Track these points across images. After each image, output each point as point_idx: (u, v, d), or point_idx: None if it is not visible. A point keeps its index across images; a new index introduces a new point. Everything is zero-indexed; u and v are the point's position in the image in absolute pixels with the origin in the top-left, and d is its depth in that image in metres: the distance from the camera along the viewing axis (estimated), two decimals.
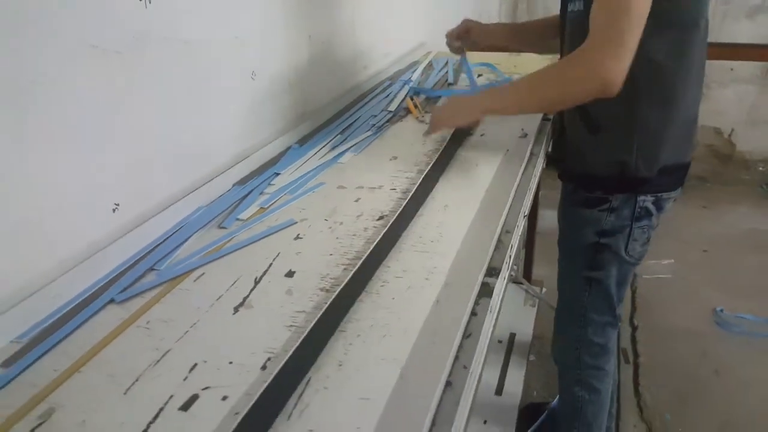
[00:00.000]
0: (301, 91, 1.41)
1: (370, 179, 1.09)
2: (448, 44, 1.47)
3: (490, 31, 1.43)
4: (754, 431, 1.78)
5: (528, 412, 1.73)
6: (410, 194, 0.99)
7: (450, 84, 1.64)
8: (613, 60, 0.86)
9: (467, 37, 1.43)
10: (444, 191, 1.02)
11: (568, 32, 1.12)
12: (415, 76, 1.72)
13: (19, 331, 0.72)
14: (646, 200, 1.13)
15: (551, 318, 1.47)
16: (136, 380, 0.64)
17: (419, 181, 1.03)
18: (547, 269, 2.10)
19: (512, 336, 1.95)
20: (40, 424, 0.59)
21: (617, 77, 0.87)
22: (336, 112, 1.49)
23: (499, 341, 1.93)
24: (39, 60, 0.75)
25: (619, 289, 1.25)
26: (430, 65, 1.87)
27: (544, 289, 2.24)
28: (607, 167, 1.13)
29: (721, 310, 2.26)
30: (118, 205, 0.91)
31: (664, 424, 1.81)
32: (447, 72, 1.74)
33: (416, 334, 0.67)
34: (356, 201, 1.02)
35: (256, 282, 0.81)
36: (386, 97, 1.56)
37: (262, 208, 1.03)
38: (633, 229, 1.15)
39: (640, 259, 1.23)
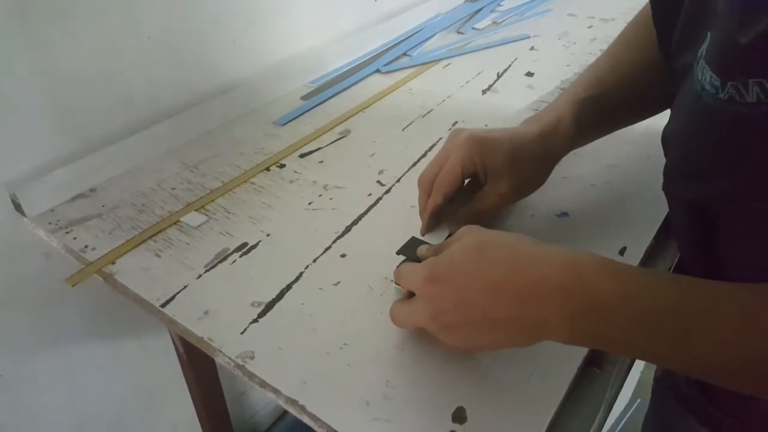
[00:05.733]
0: None
1: (602, 11, 1.11)
2: (422, 215, 0.55)
3: (531, 142, 0.53)
4: None
5: None
6: None
7: None
8: None
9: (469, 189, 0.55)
10: None
11: (703, 130, 0.38)
12: None
13: (311, 78, 0.89)
14: None
15: None
16: (410, 123, 0.79)
17: None
18: None
19: None
20: (341, 138, 0.76)
21: None
22: None
23: None
24: None
25: None
26: None
27: None
28: None
29: None
30: None
31: None
32: None
33: None
34: (589, 27, 1.06)
35: (499, 76, 0.91)
36: None
37: (494, 22, 1.11)
38: None
39: None
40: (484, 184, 0.53)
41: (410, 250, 0.50)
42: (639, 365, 1.37)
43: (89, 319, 0.76)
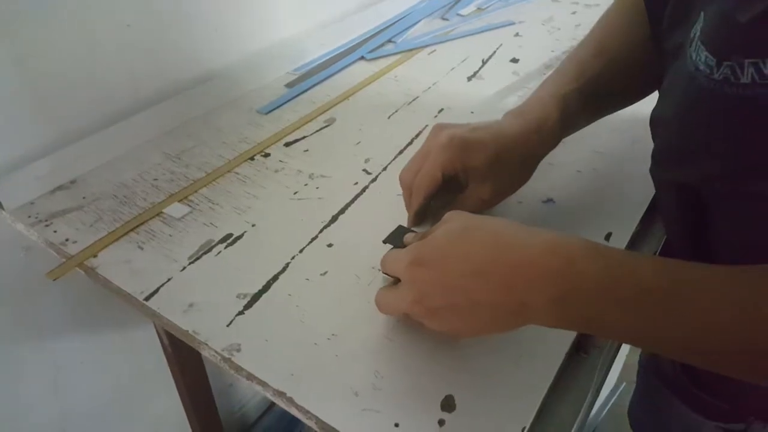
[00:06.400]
0: None
1: None
2: (406, 201, 0.55)
3: (515, 139, 0.51)
4: None
5: None
6: None
7: None
8: None
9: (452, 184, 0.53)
10: None
11: (696, 111, 0.38)
12: None
13: (294, 65, 0.88)
14: None
15: None
16: (395, 111, 0.78)
17: None
18: None
19: None
20: (326, 126, 0.75)
21: None
22: None
23: None
24: None
25: None
26: None
27: None
28: None
29: None
30: None
31: None
32: None
33: None
34: (573, 14, 1.06)
35: (484, 62, 0.90)
36: None
37: (479, 8, 1.10)
38: None
39: None
40: (465, 186, 0.52)
41: (397, 239, 0.50)
42: (625, 349, 1.39)
43: (72, 312, 0.75)
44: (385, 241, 0.50)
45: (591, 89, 0.54)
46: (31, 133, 0.63)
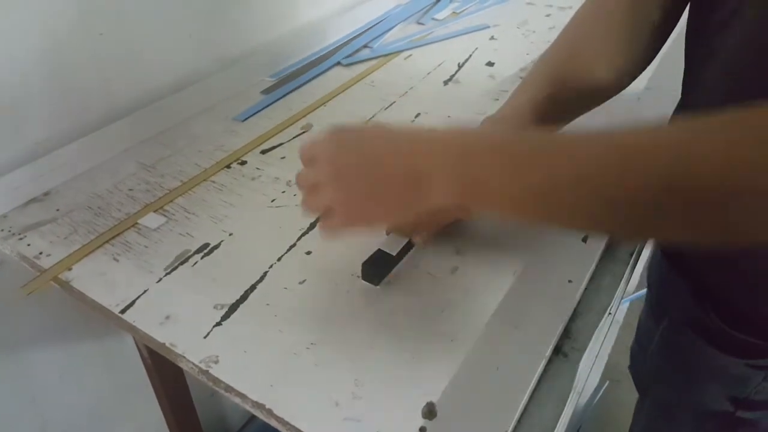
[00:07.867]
0: None
1: (560, 0, 1.12)
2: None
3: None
4: None
5: None
6: None
7: None
8: None
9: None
10: None
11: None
12: None
13: (270, 72, 0.88)
14: None
15: None
16: (372, 116, 0.78)
17: None
18: None
19: None
20: (303, 132, 0.75)
21: None
22: None
23: None
24: None
25: None
26: None
27: None
28: None
29: None
30: None
31: None
32: None
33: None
34: (547, 16, 1.07)
35: (460, 66, 0.91)
36: None
37: (454, 12, 1.11)
38: None
39: None
40: None
41: (378, 266, 0.50)
42: (607, 349, 1.40)
43: (50, 326, 0.73)
44: (364, 264, 0.50)
45: (565, 93, 0.55)
46: (2, 144, 0.62)
